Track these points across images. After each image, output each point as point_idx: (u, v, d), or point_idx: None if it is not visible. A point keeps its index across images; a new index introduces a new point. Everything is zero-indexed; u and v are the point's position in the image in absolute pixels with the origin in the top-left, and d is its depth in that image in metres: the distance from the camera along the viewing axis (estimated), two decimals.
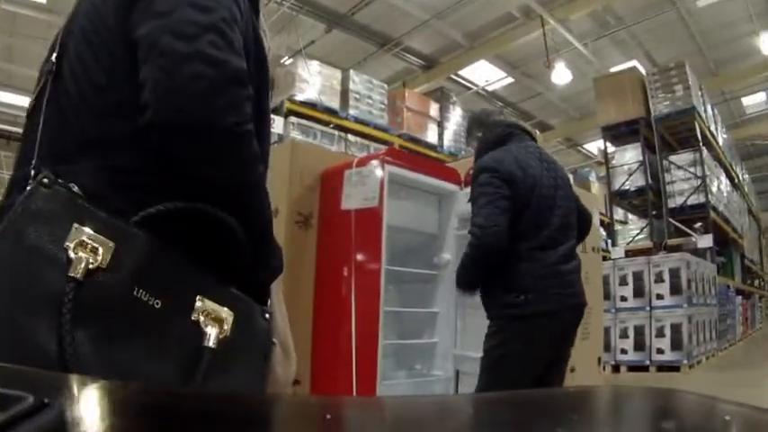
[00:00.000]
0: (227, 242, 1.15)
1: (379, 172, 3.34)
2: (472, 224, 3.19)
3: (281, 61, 12.16)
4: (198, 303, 1.07)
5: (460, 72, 17.25)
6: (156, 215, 1.09)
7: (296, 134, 9.77)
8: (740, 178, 18.73)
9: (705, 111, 14.09)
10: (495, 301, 3.24)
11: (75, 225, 1.00)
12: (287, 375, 1.40)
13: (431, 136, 13.01)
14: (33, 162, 1.17)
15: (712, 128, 14.66)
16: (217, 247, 1.15)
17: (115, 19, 1.24)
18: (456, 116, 14.10)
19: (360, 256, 3.39)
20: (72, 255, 0.97)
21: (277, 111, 10.36)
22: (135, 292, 1.00)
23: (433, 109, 13.45)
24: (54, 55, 1.30)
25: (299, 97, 10.47)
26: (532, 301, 3.13)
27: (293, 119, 10.27)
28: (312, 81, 10.76)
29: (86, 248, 0.98)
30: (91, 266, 0.96)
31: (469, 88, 18.17)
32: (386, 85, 12.69)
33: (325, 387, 3.52)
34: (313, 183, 3.76)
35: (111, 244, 1.00)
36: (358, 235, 3.39)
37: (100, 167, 1.16)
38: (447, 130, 13.65)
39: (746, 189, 20.24)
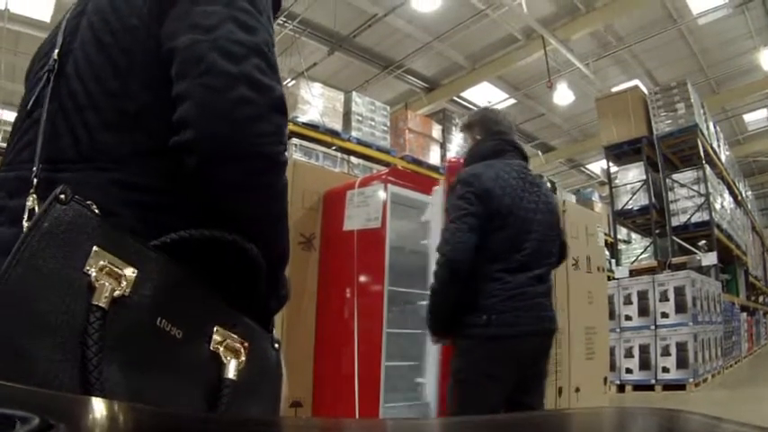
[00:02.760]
0: (246, 272, 1.11)
1: (381, 193, 3.33)
2: (440, 240, 3.14)
3: (284, 83, 12.18)
4: (216, 335, 1.03)
5: (463, 94, 17.31)
6: (178, 241, 1.04)
7: (298, 156, 9.77)
8: (743, 195, 18.71)
9: (707, 128, 14.10)
10: (459, 321, 3.12)
11: (96, 248, 0.92)
12: (285, 397, 1.34)
13: (433, 157, 13.01)
14: (36, 167, 1.11)
15: (715, 145, 14.66)
16: (235, 276, 1.11)
17: (140, 21, 1.20)
18: (458, 138, 14.10)
19: (362, 278, 3.38)
20: (94, 281, 0.89)
21: None
22: (158, 322, 0.95)
23: (436, 130, 13.46)
24: (56, 51, 1.25)
25: (302, 119, 10.47)
26: (496, 323, 3.03)
27: (295, 140, 10.27)
28: (314, 103, 10.77)
29: (108, 274, 0.91)
30: (115, 294, 0.90)
31: (471, 109, 18.17)
32: (388, 107, 12.71)
33: (328, 409, 3.50)
34: (315, 204, 3.75)
35: (134, 270, 0.93)
36: (360, 256, 3.37)
37: (111, 181, 1.11)
38: (449, 151, 13.66)
39: (749, 206, 20.21)
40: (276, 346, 1.19)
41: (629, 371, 9.49)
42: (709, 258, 11.64)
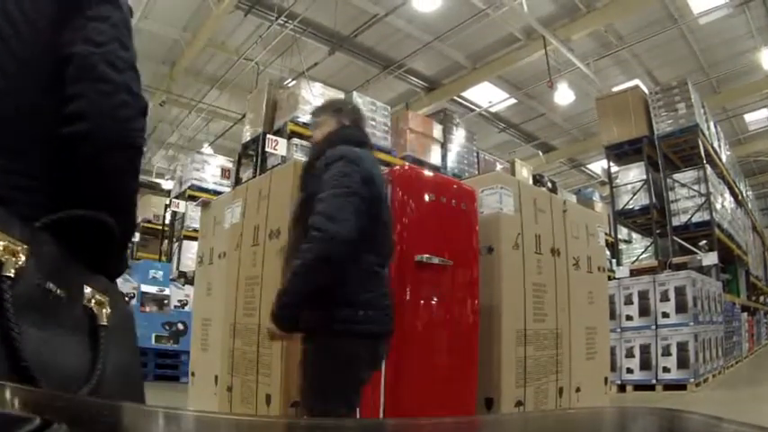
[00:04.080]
0: (105, 241, 1.40)
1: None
2: (317, 213, 2.70)
3: (285, 84, 12.21)
4: (86, 291, 1.25)
5: (463, 93, 17.33)
6: (56, 221, 1.27)
7: (299, 156, 9.77)
8: (743, 195, 18.68)
9: (708, 128, 14.07)
10: (326, 314, 2.76)
11: None
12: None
13: (434, 157, 13.02)
14: None
15: (715, 145, 14.64)
16: (97, 244, 1.38)
17: (45, 25, 1.44)
18: (459, 137, 14.13)
19: None
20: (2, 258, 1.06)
21: (280, 132, 10.41)
22: (47, 286, 1.13)
23: (437, 130, 13.47)
24: None
25: (302, 119, 10.48)
26: (372, 319, 2.82)
27: (296, 140, 10.30)
28: (315, 103, 10.75)
29: (6, 250, 1.07)
30: (16, 267, 1.07)
31: (472, 110, 18.23)
32: (389, 107, 12.72)
33: None
34: None
35: (26, 246, 1.09)
36: None
37: (6, 170, 1.33)
38: (450, 151, 13.67)
39: (750, 206, 20.18)
40: (126, 299, 1.46)
41: (629, 371, 9.47)
42: (710, 258, 11.63)
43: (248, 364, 3.94)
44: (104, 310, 1.26)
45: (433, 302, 3.38)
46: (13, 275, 1.06)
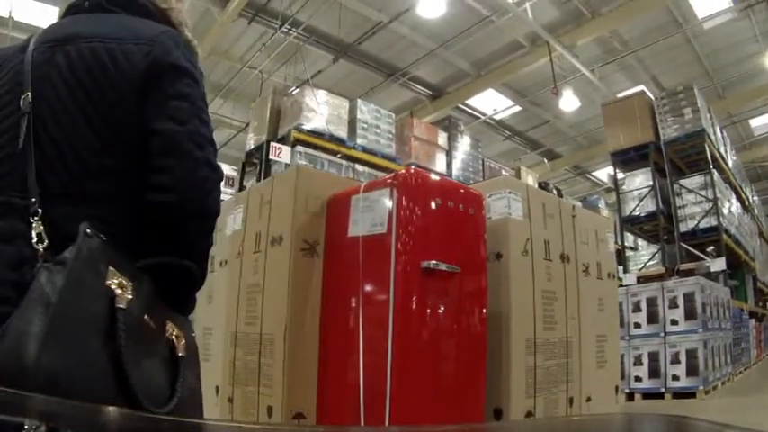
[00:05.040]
0: (186, 284, 1.68)
1: (387, 198, 3.23)
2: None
3: (289, 91, 12.18)
4: (168, 325, 1.49)
5: (468, 101, 17.32)
6: (151, 264, 1.53)
7: (303, 163, 9.72)
8: (750, 200, 18.60)
9: (714, 133, 14.01)
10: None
11: (110, 268, 1.33)
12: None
13: (439, 165, 12.99)
14: (33, 199, 1.48)
15: (722, 150, 14.56)
16: (179, 286, 1.64)
17: (120, 97, 1.62)
18: (464, 145, 14.14)
19: (368, 286, 3.27)
20: (115, 290, 1.29)
21: (284, 140, 10.37)
22: (145, 317, 1.37)
23: (441, 138, 13.46)
24: (28, 93, 1.59)
25: (307, 126, 10.46)
26: None
27: (300, 148, 10.26)
28: (319, 110, 10.76)
29: (119, 285, 1.31)
30: (127, 299, 1.30)
31: (477, 117, 18.22)
32: (393, 115, 12.70)
33: (332, 421, 3.39)
34: (319, 209, 3.63)
35: (132, 284, 1.34)
36: (366, 264, 3.27)
37: (91, 216, 1.44)
38: (455, 159, 13.66)
39: (756, 211, 20.10)
40: (193, 334, 1.64)
41: (638, 379, 9.37)
42: (718, 264, 11.54)
43: (249, 375, 3.85)
44: (182, 342, 1.49)
45: (441, 310, 3.28)
46: (124, 307, 1.28)
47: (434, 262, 3.14)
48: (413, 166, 3.75)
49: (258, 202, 4.07)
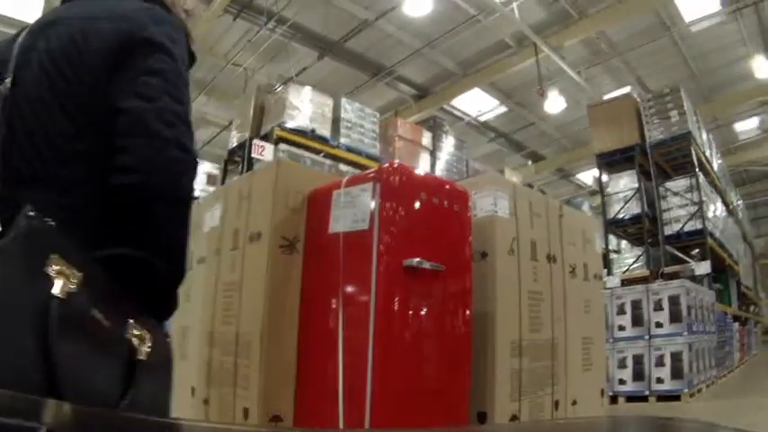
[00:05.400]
0: (155, 284, 1.53)
1: (369, 193, 3.11)
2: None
3: (273, 89, 12.07)
4: (130, 327, 1.33)
5: (453, 102, 17.31)
6: (111, 255, 1.40)
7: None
8: (734, 204, 18.65)
9: (701, 136, 14.01)
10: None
11: (54, 255, 1.18)
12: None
13: (423, 165, 12.90)
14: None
15: (708, 153, 14.57)
16: (147, 285, 1.48)
17: (92, 78, 1.55)
18: (449, 146, 14.10)
19: (348, 285, 3.14)
20: (54, 278, 1.16)
21: (267, 137, 10.26)
22: (93, 313, 1.23)
23: (426, 138, 13.41)
24: (8, 80, 1.57)
25: (290, 124, 10.35)
26: None
27: (283, 146, 10.15)
28: (303, 108, 10.64)
29: (62, 274, 1.18)
30: (69, 289, 1.17)
31: (462, 118, 18.18)
32: (377, 114, 12.60)
33: (310, 424, 3.28)
34: (299, 205, 3.49)
35: (80, 274, 1.20)
36: (346, 261, 3.16)
37: (58, 204, 1.46)
38: (440, 159, 13.58)
39: (740, 215, 20.16)
40: (168, 339, 1.53)
41: (622, 382, 9.32)
42: (703, 267, 11.51)
43: (225, 376, 3.72)
44: (144, 346, 1.34)
45: (424, 310, 3.17)
46: (63, 297, 1.15)
47: (418, 260, 3.02)
48: (397, 161, 3.61)
49: (237, 197, 3.95)
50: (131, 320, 1.34)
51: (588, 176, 24.09)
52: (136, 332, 1.34)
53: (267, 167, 4.10)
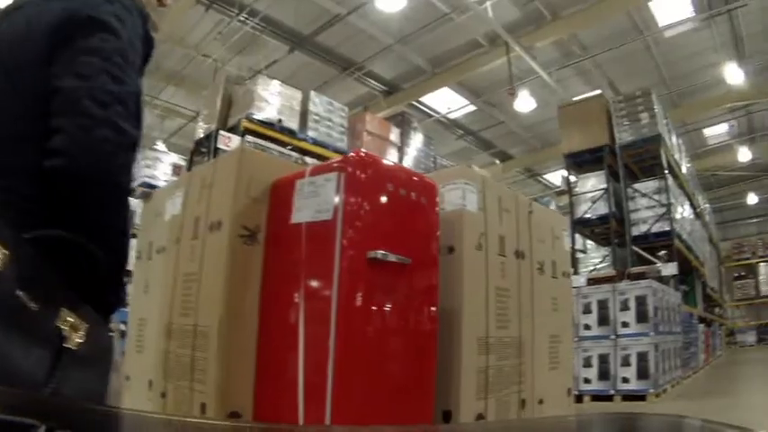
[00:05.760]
0: (92, 271, 1.45)
1: (334, 181, 3.00)
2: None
3: (243, 82, 11.94)
4: (62, 312, 1.24)
5: (422, 99, 17.27)
6: (43, 237, 1.34)
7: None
8: (701, 207, 18.81)
9: (670, 139, 14.08)
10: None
11: None
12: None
13: (391, 161, 12.80)
14: None
15: (677, 156, 14.67)
16: (83, 272, 1.42)
17: (40, 59, 1.52)
18: (417, 142, 14.08)
19: (310, 277, 3.03)
20: None
21: (234, 129, 10.14)
22: (17, 293, 1.14)
23: (394, 134, 13.37)
24: None
25: (258, 116, 10.23)
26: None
27: (250, 138, 10.00)
28: (272, 100, 10.53)
29: None
30: None
31: (431, 115, 18.15)
32: (346, 108, 12.52)
33: (269, 420, 3.18)
34: (262, 194, 3.39)
35: (6, 253, 1.13)
36: (309, 253, 3.05)
37: (3, 186, 1.45)
38: (407, 155, 13.53)
39: (707, 218, 20.35)
40: (111, 334, 1.51)
41: (587, 381, 9.30)
42: (670, 269, 11.53)
43: (182, 369, 3.60)
44: (76, 335, 1.27)
45: (388, 305, 3.07)
46: None
47: (383, 252, 2.92)
48: (364, 150, 3.48)
49: (199, 185, 3.82)
50: (66, 309, 1.27)
51: (555, 177, 24.24)
52: (69, 320, 1.27)
53: (230, 155, 3.96)
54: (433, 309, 3.34)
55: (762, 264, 28.00)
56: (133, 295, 5.04)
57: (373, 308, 3.00)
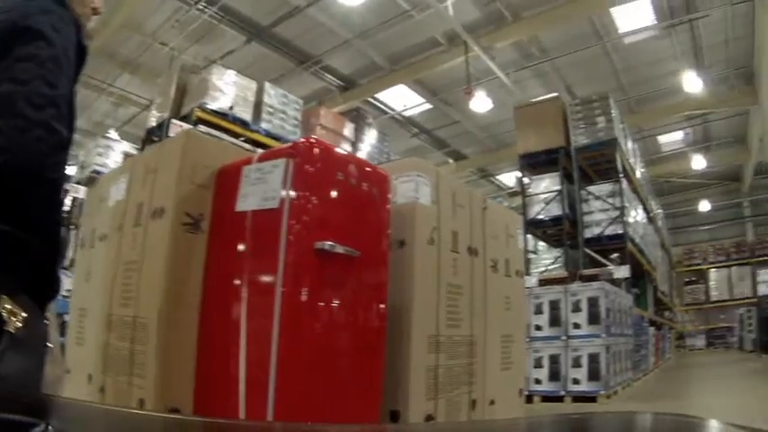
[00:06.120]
0: (27, 261, 1.52)
1: (282, 168, 2.86)
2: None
3: (198, 71, 11.76)
4: (1, 299, 1.36)
5: (378, 95, 17.23)
6: None
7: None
8: (654, 212, 19.03)
9: (626, 144, 14.19)
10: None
11: None
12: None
13: None
14: None
15: (632, 161, 14.80)
16: (18, 262, 1.49)
17: None
18: (371, 138, 14.09)
19: (254, 268, 2.90)
20: None
21: (186, 118, 9.97)
22: None
23: (348, 129, 13.36)
24: None
25: (211, 106, 10.07)
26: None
27: (202, 127, 9.82)
28: (226, 90, 10.38)
29: None
30: None
31: (386, 112, 18.10)
32: (301, 101, 12.41)
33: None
34: (207, 181, 3.24)
35: None
36: (253, 242, 2.92)
37: None
38: (361, 151, 13.47)
39: (660, 224, 20.58)
40: (46, 322, 1.57)
41: (538, 381, 9.28)
42: (622, 271, 11.59)
43: (121, 363, 3.44)
44: (15, 321, 1.35)
45: (335, 299, 2.94)
46: None
47: (330, 243, 2.80)
48: (315, 137, 3.31)
49: (144, 170, 3.66)
50: (4, 296, 1.38)
51: (508, 178, 24.44)
52: (7, 306, 1.37)
53: (176, 138, 3.80)
54: (382, 303, 3.23)
55: (712, 270, 28.59)
56: (75, 284, 4.86)
57: (319, 302, 2.88)
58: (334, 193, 2.98)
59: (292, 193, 2.82)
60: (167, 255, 3.11)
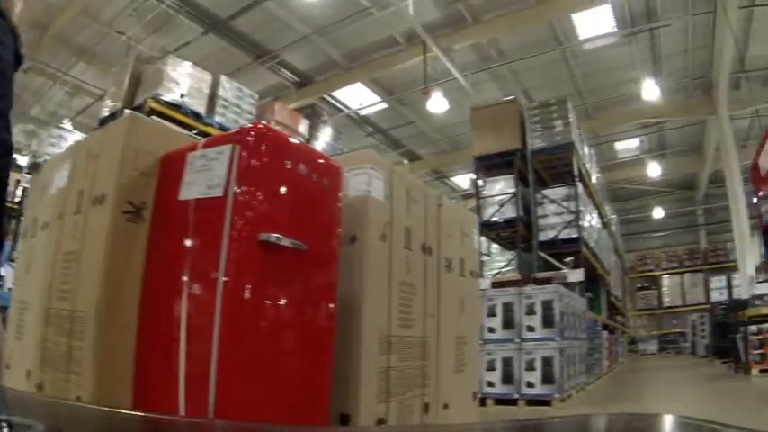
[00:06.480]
0: None
1: (228, 154, 2.72)
2: None
3: (152, 60, 11.57)
4: None
5: (334, 93, 17.23)
6: None
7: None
8: (609, 218, 19.20)
9: (582, 149, 14.27)
10: None
11: None
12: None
13: None
14: None
15: (588, 166, 14.89)
16: None
17: None
18: (325, 136, 14.15)
19: (195, 260, 2.75)
20: None
21: (139, 109, 9.79)
22: None
23: (303, 125, 13.34)
24: None
25: (165, 97, 9.92)
26: None
27: (155, 119, 9.60)
28: (181, 82, 10.21)
29: None
30: None
31: (342, 110, 18.07)
32: (256, 96, 12.30)
33: None
34: (151, 167, 3.08)
35: None
36: (196, 233, 2.77)
37: None
38: (315, 148, 13.35)
39: (614, 229, 20.78)
40: None
41: (490, 384, 9.24)
42: (576, 275, 11.62)
43: (59, 359, 3.27)
44: None
45: (281, 295, 2.80)
46: None
47: (277, 236, 2.66)
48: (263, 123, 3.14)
49: (86, 155, 3.48)
50: None
51: (462, 180, 24.55)
52: None
53: (119, 122, 3.62)
54: (331, 301, 3.10)
55: (665, 276, 29.21)
56: (16, 276, 4.67)
57: (263, 296, 2.74)
58: (281, 183, 2.84)
59: (237, 182, 2.68)
60: (106, 245, 2.95)
